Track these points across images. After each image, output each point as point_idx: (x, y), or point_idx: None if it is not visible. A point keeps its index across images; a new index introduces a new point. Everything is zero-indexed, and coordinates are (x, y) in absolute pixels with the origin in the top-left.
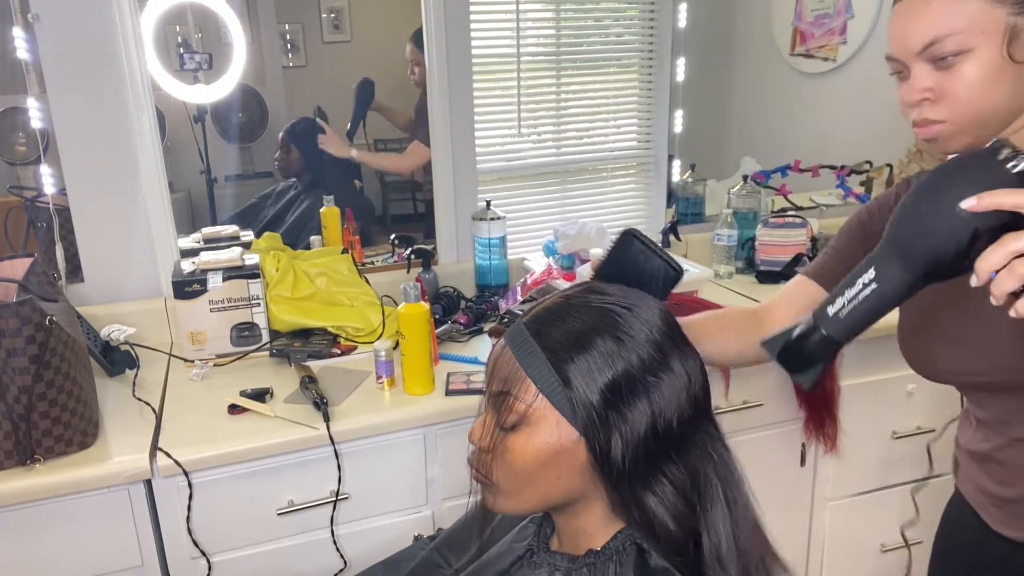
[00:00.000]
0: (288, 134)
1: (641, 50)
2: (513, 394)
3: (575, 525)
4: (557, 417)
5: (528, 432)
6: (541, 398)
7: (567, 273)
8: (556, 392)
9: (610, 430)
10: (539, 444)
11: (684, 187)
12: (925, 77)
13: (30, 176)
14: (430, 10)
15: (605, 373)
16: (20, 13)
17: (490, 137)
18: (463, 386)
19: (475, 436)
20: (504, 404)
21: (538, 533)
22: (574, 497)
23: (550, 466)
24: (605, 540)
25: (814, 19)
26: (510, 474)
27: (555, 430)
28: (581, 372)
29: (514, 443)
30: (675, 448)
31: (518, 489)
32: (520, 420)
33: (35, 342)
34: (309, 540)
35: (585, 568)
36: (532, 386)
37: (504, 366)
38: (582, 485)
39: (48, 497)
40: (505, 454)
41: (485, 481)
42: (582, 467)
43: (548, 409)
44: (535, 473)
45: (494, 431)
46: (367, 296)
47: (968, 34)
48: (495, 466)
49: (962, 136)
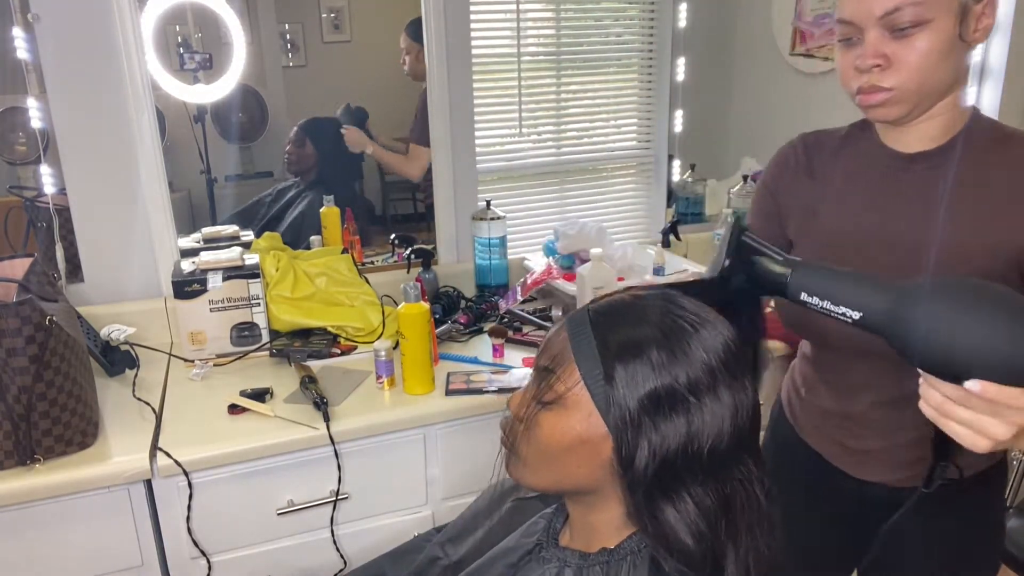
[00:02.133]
0: (304, 129)
1: (641, 50)
2: (556, 373)
3: (590, 520)
4: (591, 408)
5: (560, 413)
6: (581, 385)
7: (567, 273)
8: (597, 384)
9: (639, 436)
10: (567, 428)
11: (684, 187)
12: (881, 44)
13: (30, 176)
14: (430, 10)
15: (649, 381)
16: (20, 13)
17: (490, 137)
18: (463, 386)
19: (513, 403)
20: (546, 380)
21: (548, 528)
22: (589, 489)
23: (572, 452)
24: (619, 540)
25: (814, 19)
26: (534, 448)
27: (586, 420)
28: (627, 374)
29: (545, 420)
30: (707, 472)
31: (537, 464)
32: (556, 400)
33: (35, 342)
34: (309, 540)
35: (598, 567)
36: (576, 372)
37: (556, 344)
38: (599, 480)
39: (48, 497)
40: (535, 428)
41: (511, 448)
42: (603, 463)
43: (585, 398)
44: (558, 454)
45: (531, 403)
46: (367, 296)
47: (928, 6)
48: (523, 436)
49: (903, 105)
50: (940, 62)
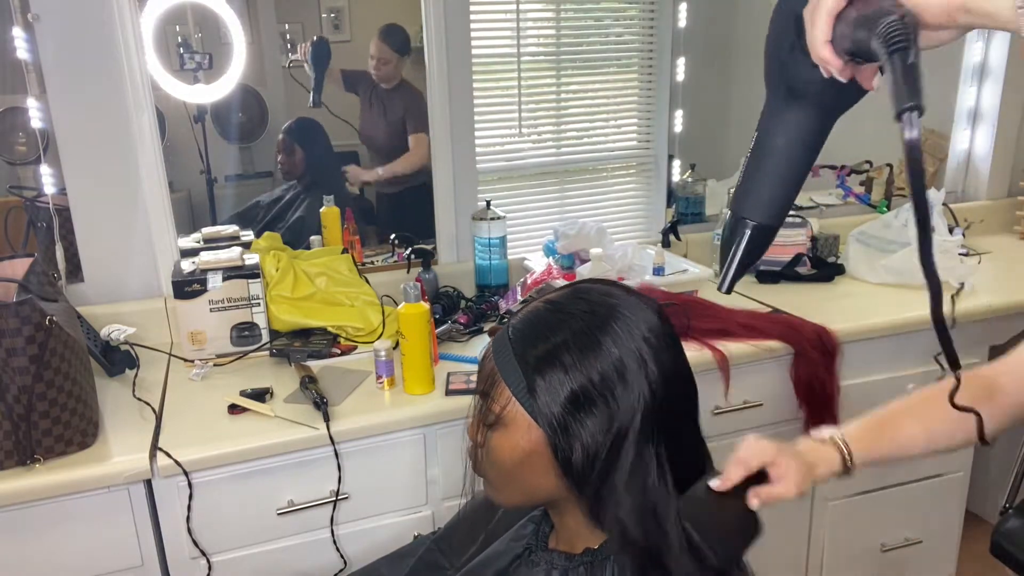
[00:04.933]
0: (289, 134)
1: (641, 50)
2: (491, 395)
3: (568, 523)
4: (528, 421)
5: (504, 432)
6: (513, 402)
7: (567, 273)
8: (525, 398)
9: (571, 438)
10: (513, 445)
11: (684, 187)
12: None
13: (30, 176)
14: (430, 10)
15: (566, 385)
16: (20, 13)
17: (490, 137)
18: (463, 386)
19: (471, 431)
20: (484, 403)
21: (536, 532)
22: (554, 497)
23: (525, 466)
24: (601, 540)
25: None
26: (495, 469)
27: (526, 433)
28: (546, 383)
29: (495, 440)
30: (638, 456)
31: (503, 484)
32: (497, 420)
33: (35, 342)
34: (309, 540)
35: (582, 567)
36: (506, 390)
37: (486, 367)
38: (559, 488)
39: (48, 497)
40: (489, 451)
41: (479, 472)
42: (555, 470)
43: (520, 412)
44: (514, 470)
45: (480, 427)
46: (367, 296)
47: None
48: (484, 460)
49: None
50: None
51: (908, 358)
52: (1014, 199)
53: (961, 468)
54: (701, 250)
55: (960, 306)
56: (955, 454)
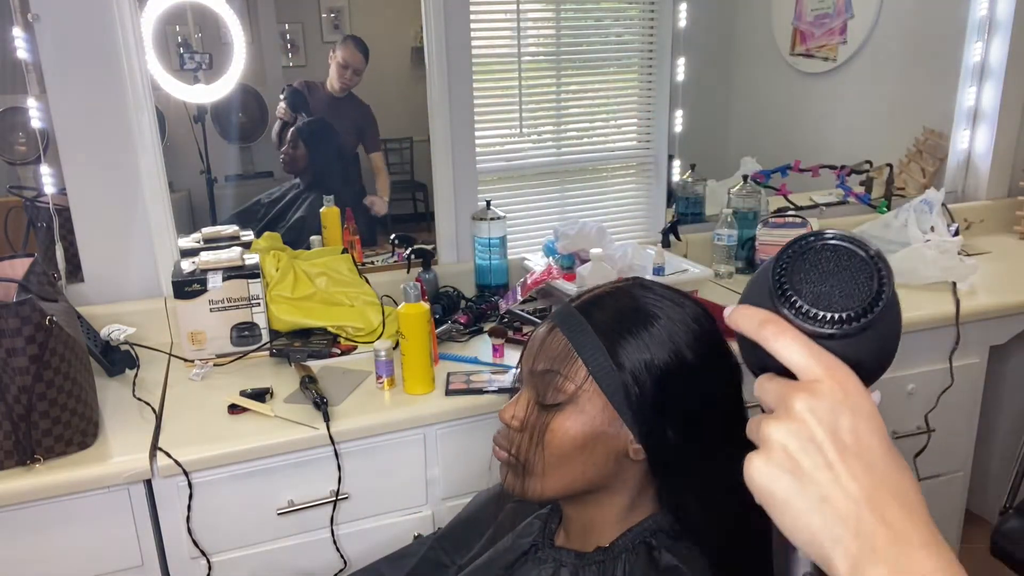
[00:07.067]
0: (300, 132)
1: (641, 50)
2: (563, 374)
3: (589, 518)
4: (604, 400)
5: (573, 413)
6: (591, 379)
7: (567, 273)
8: (607, 374)
9: (659, 413)
10: (582, 426)
11: (684, 187)
12: None
13: (30, 176)
14: (430, 10)
15: (655, 358)
16: (20, 13)
17: (490, 137)
18: (463, 386)
19: (507, 415)
20: (551, 383)
21: (543, 529)
22: (599, 485)
23: (587, 449)
24: (614, 537)
25: (814, 19)
26: (547, 455)
27: (600, 413)
28: (633, 357)
29: (556, 423)
30: (717, 439)
31: (549, 471)
32: (567, 400)
33: (35, 342)
34: (309, 540)
35: (594, 565)
36: (583, 367)
37: (553, 345)
38: (610, 474)
39: (48, 497)
40: (544, 434)
41: (514, 461)
42: (618, 453)
43: (596, 390)
44: (571, 455)
45: (534, 410)
46: (367, 296)
47: None
48: (530, 445)
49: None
50: None
51: (909, 358)
52: (1014, 199)
53: (961, 468)
54: (701, 250)
55: (960, 306)
56: (955, 454)
